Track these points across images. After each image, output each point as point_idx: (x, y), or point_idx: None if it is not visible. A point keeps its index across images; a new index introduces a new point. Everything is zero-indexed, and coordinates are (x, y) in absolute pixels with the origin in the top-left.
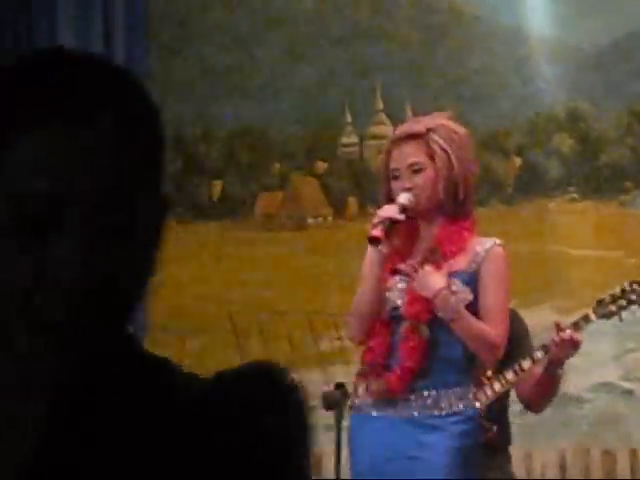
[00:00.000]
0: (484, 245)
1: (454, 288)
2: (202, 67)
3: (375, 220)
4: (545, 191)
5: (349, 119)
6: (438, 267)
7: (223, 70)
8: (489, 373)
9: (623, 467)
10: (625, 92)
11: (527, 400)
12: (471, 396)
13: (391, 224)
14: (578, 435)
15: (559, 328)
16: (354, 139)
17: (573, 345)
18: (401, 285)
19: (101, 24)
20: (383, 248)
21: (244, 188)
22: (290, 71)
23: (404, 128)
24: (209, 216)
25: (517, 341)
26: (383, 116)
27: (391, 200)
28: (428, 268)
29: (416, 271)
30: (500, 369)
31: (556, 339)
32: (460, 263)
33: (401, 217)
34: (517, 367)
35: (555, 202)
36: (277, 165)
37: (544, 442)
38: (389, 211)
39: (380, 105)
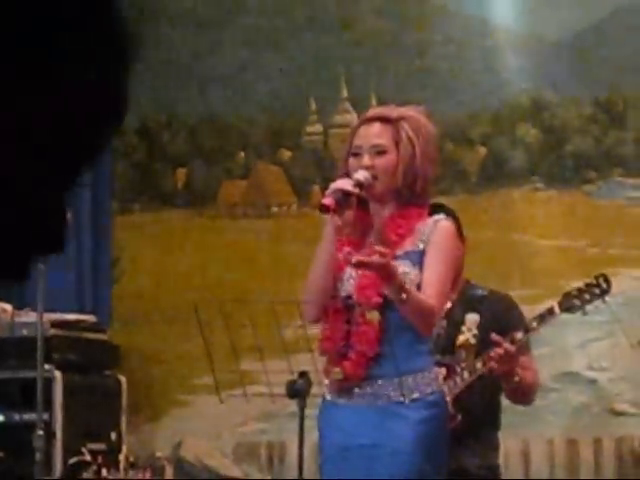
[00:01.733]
0: (431, 221)
1: (404, 269)
2: (166, 54)
3: (328, 191)
4: (509, 180)
5: (313, 107)
6: (384, 249)
7: (187, 58)
8: (462, 365)
9: (587, 456)
10: (589, 82)
11: (507, 397)
12: (434, 381)
13: (344, 196)
14: (542, 424)
15: (496, 343)
16: (318, 128)
17: (510, 357)
18: (353, 273)
19: None
20: (335, 220)
21: (208, 176)
22: (255, 59)
23: (377, 110)
24: (173, 204)
25: (499, 326)
26: (348, 105)
27: (347, 176)
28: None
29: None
30: (472, 359)
31: (490, 357)
32: (409, 244)
33: (354, 190)
34: (485, 357)
35: (519, 191)
36: (241, 153)
37: (508, 431)
38: (343, 183)
39: (345, 94)
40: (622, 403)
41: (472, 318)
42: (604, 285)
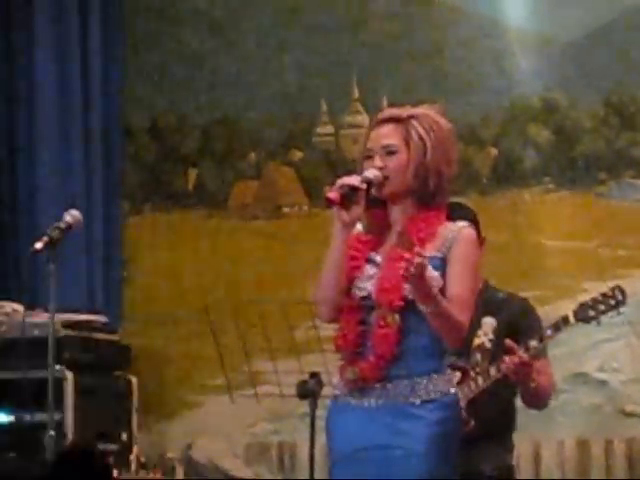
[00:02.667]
0: (453, 228)
1: (429, 274)
2: (178, 55)
3: (335, 185)
4: (521, 181)
5: (325, 108)
6: (407, 252)
7: (199, 58)
8: (477, 369)
9: (598, 457)
10: (601, 83)
11: (522, 401)
12: (448, 383)
13: (351, 192)
14: (553, 425)
15: (510, 349)
16: (330, 128)
17: (522, 366)
18: (372, 272)
19: (77, 12)
20: (342, 215)
21: (219, 177)
22: (266, 60)
23: (389, 111)
24: (184, 204)
25: (516, 331)
26: (359, 105)
27: None
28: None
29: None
30: (487, 364)
31: (504, 365)
32: (431, 249)
33: (361, 185)
34: (500, 363)
35: (530, 192)
36: (252, 154)
37: (519, 432)
38: (350, 179)
39: (356, 94)
40: (633, 404)
41: (489, 322)
42: (619, 296)
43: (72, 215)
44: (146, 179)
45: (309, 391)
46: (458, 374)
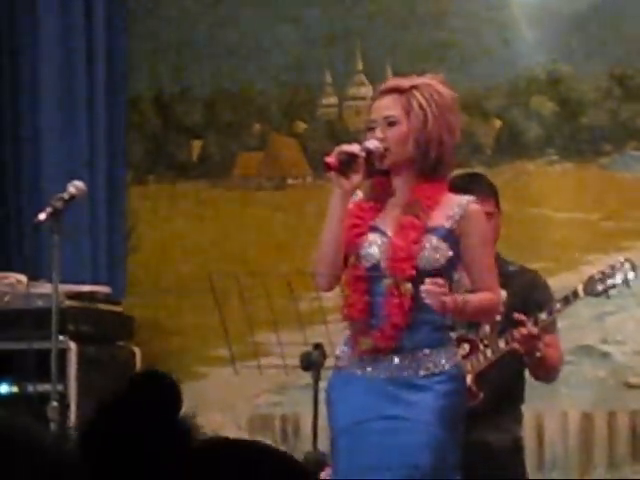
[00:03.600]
0: (459, 201)
1: (433, 244)
2: (181, 26)
3: (334, 152)
4: (524, 153)
5: (329, 80)
6: (418, 220)
7: (203, 29)
8: (486, 342)
9: (601, 430)
10: (605, 55)
11: (530, 373)
12: (454, 355)
13: (349, 158)
14: (556, 397)
15: (519, 322)
16: (334, 100)
17: (531, 338)
18: (379, 241)
19: None
20: (341, 182)
21: (224, 148)
22: (271, 31)
23: (391, 82)
24: (188, 175)
25: (526, 304)
26: (363, 77)
27: None
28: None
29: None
30: (496, 336)
31: (513, 336)
32: (436, 219)
33: (360, 153)
34: (508, 336)
35: (534, 164)
36: (257, 125)
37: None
38: (349, 146)
39: (360, 66)
40: (637, 377)
41: None
42: (630, 270)
43: (76, 186)
44: (150, 150)
45: (313, 362)
46: (467, 346)
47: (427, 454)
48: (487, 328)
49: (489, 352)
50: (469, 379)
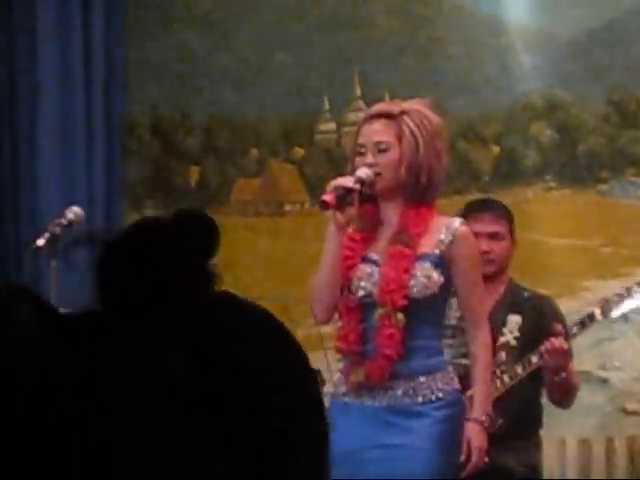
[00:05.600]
0: (449, 225)
1: (425, 272)
2: (180, 51)
3: (328, 187)
4: (522, 179)
5: (327, 106)
6: (407, 249)
7: (201, 55)
8: (502, 367)
9: (599, 456)
10: (603, 81)
11: (548, 396)
12: (451, 380)
13: (345, 193)
14: (554, 424)
15: (555, 332)
16: (332, 126)
17: (563, 353)
18: (370, 270)
19: (80, 8)
20: (338, 217)
21: (222, 174)
22: (269, 57)
23: (379, 107)
24: (186, 201)
25: (540, 329)
26: (361, 103)
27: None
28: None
29: None
30: (512, 361)
31: (545, 347)
32: (426, 245)
33: (355, 186)
34: (526, 362)
35: (532, 190)
36: (254, 151)
37: None
38: (343, 180)
39: (358, 92)
40: (634, 403)
41: (514, 320)
42: None
43: (74, 212)
44: (148, 176)
45: None
46: None
47: None
48: (503, 354)
49: (506, 378)
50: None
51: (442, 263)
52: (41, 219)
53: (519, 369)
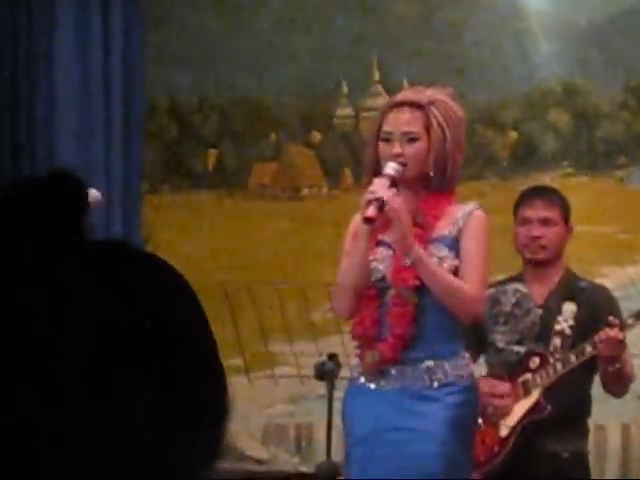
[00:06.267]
0: (464, 209)
1: (439, 254)
2: (198, 35)
3: (368, 197)
4: (540, 166)
5: (345, 90)
6: (421, 230)
7: (219, 38)
8: (556, 355)
9: (614, 442)
10: (621, 67)
11: (603, 386)
12: (466, 366)
13: (383, 202)
14: None
15: (609, 324)
16: (350, 111)
17: (617, 343)
18: (386, 254)
19: None
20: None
21: (239, 158)
22: (287, 41)
23: (406, 94)
24: (204, 185)
25: (595, 319)
26: (379, 88)
27: (377, 162)
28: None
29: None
30: (566, 350)
31: (599, 337)
32: (442, 228)
33: (391, 192)
34: (580, 351)
35: (550, 177)
36: (273, 135)
37: None
38: (381, 188)
39: (377, 77)
40: None
41: (569, 308)
42: None
43: (92, 195)
44: (166, 159)
45: (327, 372)
46: (537, 360)
47: (439, 465)
48: (557, 342)
49: (559, 365)
50: (538, 392)
51: (456, 245)
52: None
53: (572, 357)
